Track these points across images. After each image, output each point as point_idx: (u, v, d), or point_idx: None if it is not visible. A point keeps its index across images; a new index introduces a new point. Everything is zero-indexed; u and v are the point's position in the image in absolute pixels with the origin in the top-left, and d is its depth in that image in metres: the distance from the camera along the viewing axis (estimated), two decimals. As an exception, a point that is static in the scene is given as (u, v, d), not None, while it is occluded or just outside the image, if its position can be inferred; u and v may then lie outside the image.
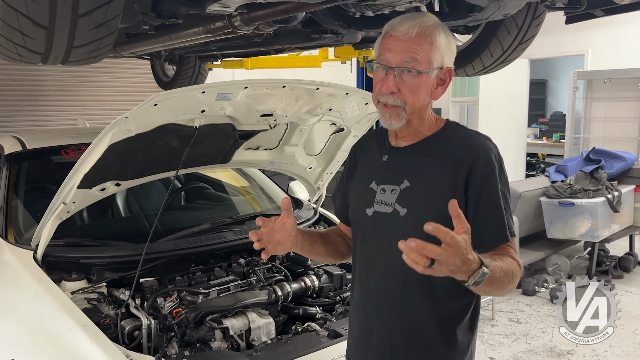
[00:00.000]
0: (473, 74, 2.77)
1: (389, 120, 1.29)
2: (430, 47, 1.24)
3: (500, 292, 1.20)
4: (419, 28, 1.24)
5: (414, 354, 1.32)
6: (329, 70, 4.70)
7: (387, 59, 1.26)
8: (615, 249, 5.21)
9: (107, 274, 2.05)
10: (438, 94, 1.32)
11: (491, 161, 1.26)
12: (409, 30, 1.24)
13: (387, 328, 1.33)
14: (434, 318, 1.29)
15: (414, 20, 1.25)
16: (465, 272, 1.05)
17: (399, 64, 1.25)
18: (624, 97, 6.49)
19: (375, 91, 1.31)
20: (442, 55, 1.27)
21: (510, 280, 1.18)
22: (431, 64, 1.25)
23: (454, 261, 1.00)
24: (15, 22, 1.37)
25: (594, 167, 4.87)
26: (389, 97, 1.27)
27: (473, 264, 1.05)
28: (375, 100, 1.32)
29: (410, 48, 1.24)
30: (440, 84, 1.31)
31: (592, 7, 2.00)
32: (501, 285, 1.16)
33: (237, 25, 1.89)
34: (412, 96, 1.26)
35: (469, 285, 1.07)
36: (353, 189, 1.45)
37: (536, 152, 8.88)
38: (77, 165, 1.83)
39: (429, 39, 1.24)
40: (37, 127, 5.41)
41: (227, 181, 3.24)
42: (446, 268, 1.01)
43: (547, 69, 10.22)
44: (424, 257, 0.98)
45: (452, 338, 1.30)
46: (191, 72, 4.32)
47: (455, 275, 1.05)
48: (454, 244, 0.99)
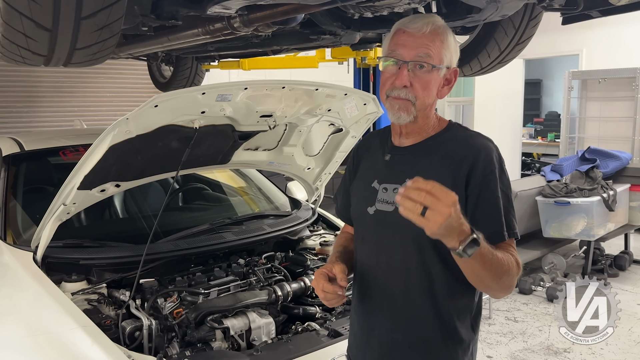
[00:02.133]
0: (470, 75, 2.79)
1: (397, 112, 1.30)
2: (442, 45, 1.28)
3: (495, 283, 1.20)
4: (432, 26, 1.28)
5: (414, 351, 1.33)
6: (326, 70, 4.71)
7: (401, 53, 1.29)
8: (611, 247, 5.25)
9: (107, 275, 2.06)
10: (444, 93, 1.35)
11: (491, 161, 1.28)
12: (422, 27, 1.27)
13: (388, 326, 1.34)
14: (434, 316, 1.31)
15: (426, 19, 1.29)
16: (456, 234, 1.07)
17: (413, 58, 1.27)
18: (619, 97, 6.53)
19: (385, 87, 1.32)
20: (451, 54, 1.31)
21: (505, 272, 1.19)
22: (442, 61, 1.29)
23: (447, 211, 1.03)
24: (18, 25, 1.37)
25: (589, 167, 4.90)
26: (402, 91, 1.29)
27: (464, 227, 1.08)
28: (384, 96, 1.33)
29: (424, 44, 1.27)
30: (446, 83, 1.35)
31: (589, 8, 2.02)
32: (495, 273, 1.17)
33: (237, 26, 1.89)
34: (424, 91, 1.29)
35: (459, 254, 1.09)
36: (355, 187, 1.47)
37: (531, 152, 8.92)
38: (78, 166, 1.84)
39: (441, 37, 1.28)
40: (34, 128, 5.40)
41: (225, 182, 3.24)
42: (440, 218, 1.03)
43: (542, 69, 10.27)
44: (418, 204, 1.04)
45: (453, 336, 1.32)
46: (188, 72, 4.31)
47: (446, 238, 1.08)
48: (438, 192, 1.04)
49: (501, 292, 1.26)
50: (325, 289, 1.31)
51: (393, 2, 1.72)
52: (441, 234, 1.07)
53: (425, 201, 1.03)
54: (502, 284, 1.21)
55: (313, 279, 1.37)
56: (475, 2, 1.78)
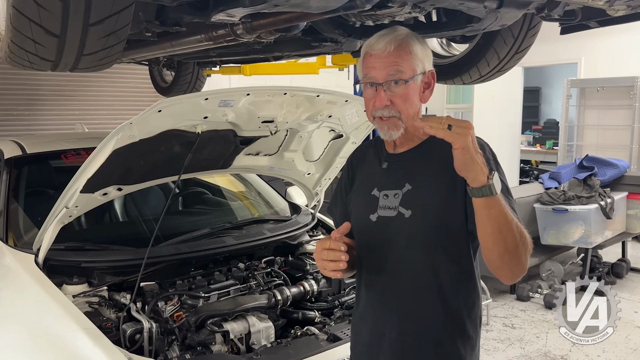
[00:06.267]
0: (470, 83, 2.81)
1: (388, 132, 1.35)
2: (409, 57, 1.32)
3: (514, 242, 1.20)
4: (395, 42, 1.32)
5: (425, 352, 1.34)
6: (326, 77, 4.74)
7: (373, 76, 1.33)
8: (608, 255, 5.26)
9: (108, 277, 2.07)
10: (426, 96, 1.39)
11: (484, 154, 1.31)
12: (386, 46, 1.31)
13: (399, 329, 1.36)
14: (444, 315, 1.33)
15: (388, 36, 1.33)
16: (480, 162, 1.15)
17: (386, 78, 1.31)
18: (617, 105, 6.57)
19: (369, 108, 1.37)
20: (421, 61, 1.34)
21: (521, 233, 1.21)
22: (414, 71, 1.33)
23: (469, 125, 1.14)
24: (28, 31, 1.40)
25: (587, 174, 4.93)
26: (384, 110, 1.33)
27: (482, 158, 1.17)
28: (371, 117, 1.37)
29: (392, 62, 1.31)
30: (427, 87, 1.38)
31: (587, 19, 2.04)
32: (513, 230, 1.20)
33: (240, 33, 1.91)
34: (405, 104, 1.32)
35: (489, 189, 1.15)
36: (354, 198, 1.48)
37: (529, 159, 8.95)
38: (81, 170, 1.85)
39: (407, 49, 1.32)
40: (35, 131, 5.40)
41: (225, 186, 3.26)
42: (466, 129, 1.14)
43: (541, 77, 10.31)
44: (443, 121, 1.15)
45: (462, 334, 1.34)
46: (189, 78, 4.33)
47: (473, 167, 1.15)
48: (458, 120, 1.15)
49: (518, 262, 1.24)
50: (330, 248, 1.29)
51: (394, 11, 1.75)
52: (470, 156, 1.14)
53: (448, 121, 1.14)
54: (519, 249, 1.22)
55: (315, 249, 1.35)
56: (475, 12, 1.80)
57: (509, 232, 1.20)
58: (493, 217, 1.18)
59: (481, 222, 1.21)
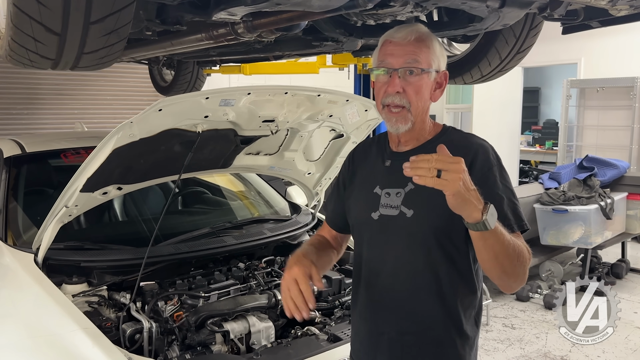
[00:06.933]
0: (471, 82, 2.81)
1: (395, 124, 1.34)
2: (428, 51, 1.33)
3: (511, 265, 1.20)
4: (417, 34, 1.33)
5: (425, 352, 1.34)
6: (326, 76, 4.73)
7: (390, 62, 1.33)
8: (608, 255, 5.26)
9: (108, 277, 2.07)
10: (437, 96, 1.40)
11: (488, 159, 1.32)
12: (407, 35, 1.33)
13: (398, 329, 1.36)
14: (444, 315, 1.33)
15: (410, 28, 1.35)
16: (475, 199, 1.10)
17: (402, 65, 1.32)
18: (617, 106, 6.57)
19: (379, 95, 1.36)
20: (438, 59, 1.36)
21: (519, 253, 1.21)
22: (430, 65, 1.34)
23: (460, 167, 1.07)
24: (28, 29, 1.39)
25: (587, 175, 4.93)
26: (395, 97, 1.32)
27: (478, 194, 1.11)
28: (380, 106, 1.36)
29: (411, 51, 1.32)
30: (438, 87, 1.39)
31: (589, 19, 2.04)
32: (511, 252, 1.18)
33: (240, 32, 1.91)
34: (416, 96, 1.33)
35: (484, 224, 1.11)
36: (355, 195, 1.48)
37: (529, 159, 8.95)
38: (81, 169, 1.84)
39: (426, 43, 1.34)
40: (34, 130, 5.40)
41: (225, 186, 3.25)
42: (457, 176, 1.06)
43: (541, 77, 10.31)
44: (431, 168, 1.07)
45: (461, 334, 1.34)
46: (189, 77, 4.32)
47: (467, 206, 1.10)
48: (445, 156, 1.09)
49: (516, 279, 1.25)
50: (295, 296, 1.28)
51: (396, 10, 1.74)
52: (462, 199, 1.09)
53: (437, 165, 1.07)
54: (517, 269, 1.22)
55: (282, 284, 1.33)
56: (477, 11, 1.79)
57: (506, 258, 1.20)
58: (489, 246, 1.18)
59: (478, 249, 1.21)
